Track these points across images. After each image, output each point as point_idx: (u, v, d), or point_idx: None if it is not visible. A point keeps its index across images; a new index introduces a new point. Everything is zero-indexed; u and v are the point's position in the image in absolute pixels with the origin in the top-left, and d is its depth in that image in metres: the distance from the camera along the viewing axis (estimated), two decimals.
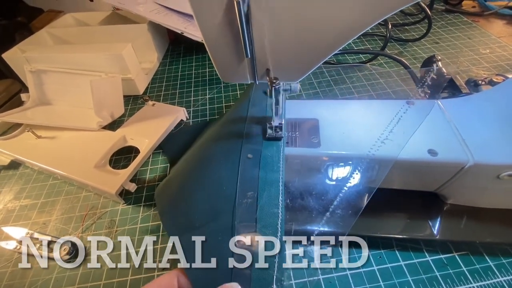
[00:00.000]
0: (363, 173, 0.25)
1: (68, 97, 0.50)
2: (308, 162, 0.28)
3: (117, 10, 0.68)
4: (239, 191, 0.22)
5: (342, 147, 0.27)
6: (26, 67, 0.49)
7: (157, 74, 0.62)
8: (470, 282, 0.29)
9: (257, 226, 0.20)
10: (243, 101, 0.33)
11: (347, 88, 0.52)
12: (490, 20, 0.66)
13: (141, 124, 0.45)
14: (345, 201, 0.21)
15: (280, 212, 0.20)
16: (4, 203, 0.41)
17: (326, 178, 0.27)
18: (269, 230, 0.19)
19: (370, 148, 0.25)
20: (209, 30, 0.17)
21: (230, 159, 0.24)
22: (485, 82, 0.34)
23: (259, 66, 0.19)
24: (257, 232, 0.19)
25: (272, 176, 0.22)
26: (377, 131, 0.27)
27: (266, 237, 0.19)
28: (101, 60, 0.49)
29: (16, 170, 0.45)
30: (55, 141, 0.44)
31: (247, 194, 0.21)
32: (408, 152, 0.26)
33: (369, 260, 0.31)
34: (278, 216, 0.20)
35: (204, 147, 0.31)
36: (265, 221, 0.20)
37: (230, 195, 0.21)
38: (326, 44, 0.16)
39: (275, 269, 0.18)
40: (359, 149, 0.27)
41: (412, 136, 0.27)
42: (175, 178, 0.30)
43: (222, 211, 0.21)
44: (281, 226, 0.20)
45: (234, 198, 0.21)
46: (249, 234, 0.19)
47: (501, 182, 0.26)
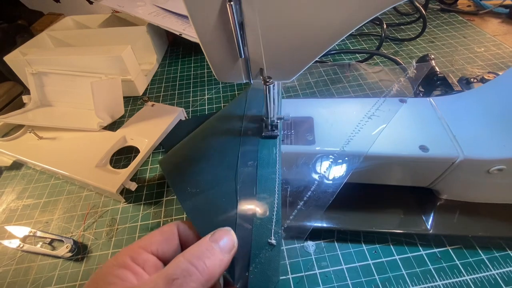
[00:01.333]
0: (334, 167, 0.26)
1: (68, 99, 0.51)
2: (296, 158, 0.28)
3: (116, 13, 0.69)
4: (241, 161, 0.24)
5: (335, 144, 0.28)
6: (28, 70, 0.50)
7: (156, 75, 0.63)
8: (463, 275, 0.29)
9: (256, 189, 0.22)
10: (242, 98, 0.34)
11: (343, 88, 0.52)
12: (485, 19, 0.67)
13: (141, 125, 0.46)
14: (315, 194, 0.22)
15: (277, 177, 0.23)
16: (7, 203, 0.41)
17: (303, 171, 0.28)
18: (268, 193, 0.22)
19: (344, 143, 0.27)
20: (204, 31, 0.18)
21: (232, 135, 0.27)
22: (477, 80, 0.34)
23: (253, 66, 0.20)
24: (256, 195, 0.22)
25: (270, 158, 0.24)
26: (370, 127, 0.28)
27: (265, 198, 0.21)
28: (101, 62, 0.50)
29: (18, 171, 0.46)
30: (56, 141, 0.45)
31: (248, 163, 0.24)
32: (400, 148, 0.27)
33: (365, 255, 0.31)
34: (275, 181, 0.22)
35: (208, 126, 0.33)
36: (264, 185, 0.22)
37: (232, 164, 0.24)
38: (315, 44, 0.17)
39: (273, 224, 0.20)
40: (353, 146, 0.28)
41: (403, 133, 0.28)
42: (180, 149, 0.31)
43: (225, 178, 0.23)
44: (278, 189, 0.22)
45: (236, 166, 0.24)
46: (250, 197, 0.22)
47: (491, 177, 0.27)
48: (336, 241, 0.33)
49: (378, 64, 0.57)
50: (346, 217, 0.32)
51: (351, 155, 0.26)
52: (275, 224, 0.20)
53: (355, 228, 0.31)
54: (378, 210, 0.32)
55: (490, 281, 0.29)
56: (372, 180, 0.32)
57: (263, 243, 0.19)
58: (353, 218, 0.32)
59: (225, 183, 0.23)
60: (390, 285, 0.29)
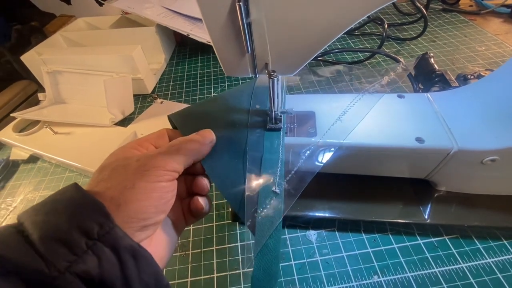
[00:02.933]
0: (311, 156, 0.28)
1: (81, 96, 0.54)
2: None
3: (126, 14, 0.72)
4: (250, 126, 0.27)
5: (336, 136, 0.29)
6: (43, 68, 0.52)
7: (165, 74, 0.65)
8: (459, 263, 0.31)
9: (263, 151, 0.26)
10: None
11: (345, 86, 0.54)
12: (487, 18, 0.68)
13: (150, 121, 0.48)
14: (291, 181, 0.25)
15: (282, 139, 0.26)
16: (25, 194, 0.44)
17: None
18: (273, 151, 0.26)
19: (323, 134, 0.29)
20: (215, 30, 0.19)
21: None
22: (474, 77, 0.36)
23: (259, 61, 0.21)
24: (263, 155, 0.25)
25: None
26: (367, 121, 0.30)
27: (271, 157, 0.25)
28: (112, 61, 0.53)
29: (34, 164, 0.48)
30: (70, 136, 0.47)
31: (256, 131, 0.27)
32: (397, 140, 0.28)
33: (364, 243, 0.33)
34: (280, 142, 0.26)
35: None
36: (270, 148, 0.26)
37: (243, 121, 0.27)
38: (316, 40, 0.19)
39: (277, 177, 0.24)
40: (352, 138, 0.29)
41: (401, 126, 0.29)
42: (191, 107, 0.33)
43: (235, 135, 0.26)
44: (281, 151, 0.26)
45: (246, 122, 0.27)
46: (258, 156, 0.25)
47: (485, 168, 0.28)
48: (337, 230, 0.34)
49: (380, 63, 0.58)
50: (346, 207, 0.33)
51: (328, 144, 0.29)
52: (279, 177, 0.24)
53: (355, 218, 0.33)
54: (377, 201, 0.34)
55: (485, 268, 0.30)
56: (372, 172, 0.33)
57: (269, 191, 0.23)
58: (353, 208, 0.33)
59: (236, 138, 0.26)
60: (389, 271, 0.31)
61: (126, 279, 0.15)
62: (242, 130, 0.27)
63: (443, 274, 0.30)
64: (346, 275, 0.31)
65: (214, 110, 0.28)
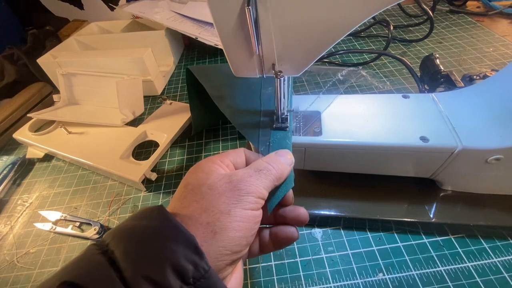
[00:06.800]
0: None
1: (94, 97, 0.55)
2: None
3: (137, 19, 0.74)
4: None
5: (341, 135, 0.30)
6: (58, 71, 0.54)
7: (173, 76, 0.66)
8: (465, 262, 0.31)
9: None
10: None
11: (351, 87, 0.54)
12: (494, 19, 0.68)
13: (160, 121, 0.50)
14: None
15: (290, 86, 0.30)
16: (40, 191, 0.46)
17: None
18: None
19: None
20: (225, 32, 0.21)
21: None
22: (479, 77, 0.36)
23: (266, 61, 0.22)
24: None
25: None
26: (372, 120, 0.30)
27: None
28: (124, 64, 0.54)
29: (49, 162, 0.50)
30: (84, 136, 0.49)
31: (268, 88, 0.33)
32: (402, 139, 0.29)
33: (369, 241, 0.33)
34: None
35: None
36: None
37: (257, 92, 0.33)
38: (321, 41, 0.20)
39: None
40: (357, 137, 0.30)
41: (406, 125, 0.30)
42: (209, 66, 0.38)
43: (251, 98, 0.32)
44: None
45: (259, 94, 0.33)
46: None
47: (490, 167, 0.29)
48: (342, 228, 0.35)
49: (385, 64, 0.58)
50: (352, 206, 0.34)
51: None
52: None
53: (360, 216, 0.33)
54: (383, 200, 0.34)
55: (491, 268, 0.30)
56: (378, 171, 0.34)
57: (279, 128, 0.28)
58: (359, 206, 0.34)
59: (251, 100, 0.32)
60: (393, 269, 0.31)
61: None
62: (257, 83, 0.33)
63: (449, 272, 0.30)
64: (351, 272, 0.31)
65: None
